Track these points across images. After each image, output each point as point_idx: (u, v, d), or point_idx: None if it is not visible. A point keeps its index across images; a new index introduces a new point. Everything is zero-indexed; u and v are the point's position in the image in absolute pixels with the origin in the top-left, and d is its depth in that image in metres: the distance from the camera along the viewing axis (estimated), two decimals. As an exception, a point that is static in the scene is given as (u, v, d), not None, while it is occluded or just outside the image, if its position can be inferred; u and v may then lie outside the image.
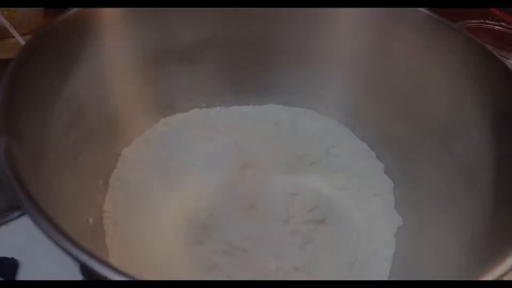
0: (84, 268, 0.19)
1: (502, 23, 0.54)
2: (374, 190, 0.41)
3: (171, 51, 0.40)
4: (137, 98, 0.41)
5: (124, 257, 0.34)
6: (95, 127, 0.37)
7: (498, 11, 0.57)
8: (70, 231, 0.30)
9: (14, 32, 0.50)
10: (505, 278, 0.22)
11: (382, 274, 0.36)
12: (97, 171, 0.38)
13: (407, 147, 0.40)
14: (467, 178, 0.32)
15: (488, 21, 0.54)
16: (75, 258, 0.20)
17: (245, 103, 0.48)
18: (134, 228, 0.36)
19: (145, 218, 0.36)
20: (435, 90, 0.36)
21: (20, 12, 0.56)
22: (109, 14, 0.34)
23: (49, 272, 0.32)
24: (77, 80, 0.33)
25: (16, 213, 0.23)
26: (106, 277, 0.18)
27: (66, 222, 0.30)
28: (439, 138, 0.36)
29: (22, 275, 0.34)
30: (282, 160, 0.42)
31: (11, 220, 0.31)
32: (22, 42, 0.51)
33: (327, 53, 0.42)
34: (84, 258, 0.19)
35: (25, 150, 0.24)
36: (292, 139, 0.44)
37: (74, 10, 0.31)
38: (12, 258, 0.34)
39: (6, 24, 0.50)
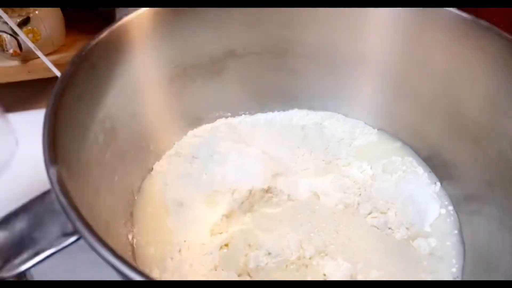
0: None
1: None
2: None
3: (197, 64, 0.41)
4: (166, 112, 0.42)
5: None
6: (127, 144, 0.38)
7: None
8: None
9: (39, 53, 0.52)
10: None
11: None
12: (132, 187, 0.38)
13: (443, 148, 0.39)
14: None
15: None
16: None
17: (269, 109, 0.48)
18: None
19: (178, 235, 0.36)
20: (469, 90, 0.35)
21: (44, 33, 0.58)
22: (137, 34, 0.35)
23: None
24: (110, 101, 0.33)
25: (71, 239, 0.23)
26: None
27: (109, 242, 0.31)
28: (475, 139, 0.35)
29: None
30: (311, 166, 0.42)
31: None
32: (47, 62, 0.52)
33: (354, 57, 0.42)
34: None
35: (72, 176, 0.25)
36: (319, 143, 0.43)
37: (104, 34, 0.32)
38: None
39: (32, 46, 0.51)
